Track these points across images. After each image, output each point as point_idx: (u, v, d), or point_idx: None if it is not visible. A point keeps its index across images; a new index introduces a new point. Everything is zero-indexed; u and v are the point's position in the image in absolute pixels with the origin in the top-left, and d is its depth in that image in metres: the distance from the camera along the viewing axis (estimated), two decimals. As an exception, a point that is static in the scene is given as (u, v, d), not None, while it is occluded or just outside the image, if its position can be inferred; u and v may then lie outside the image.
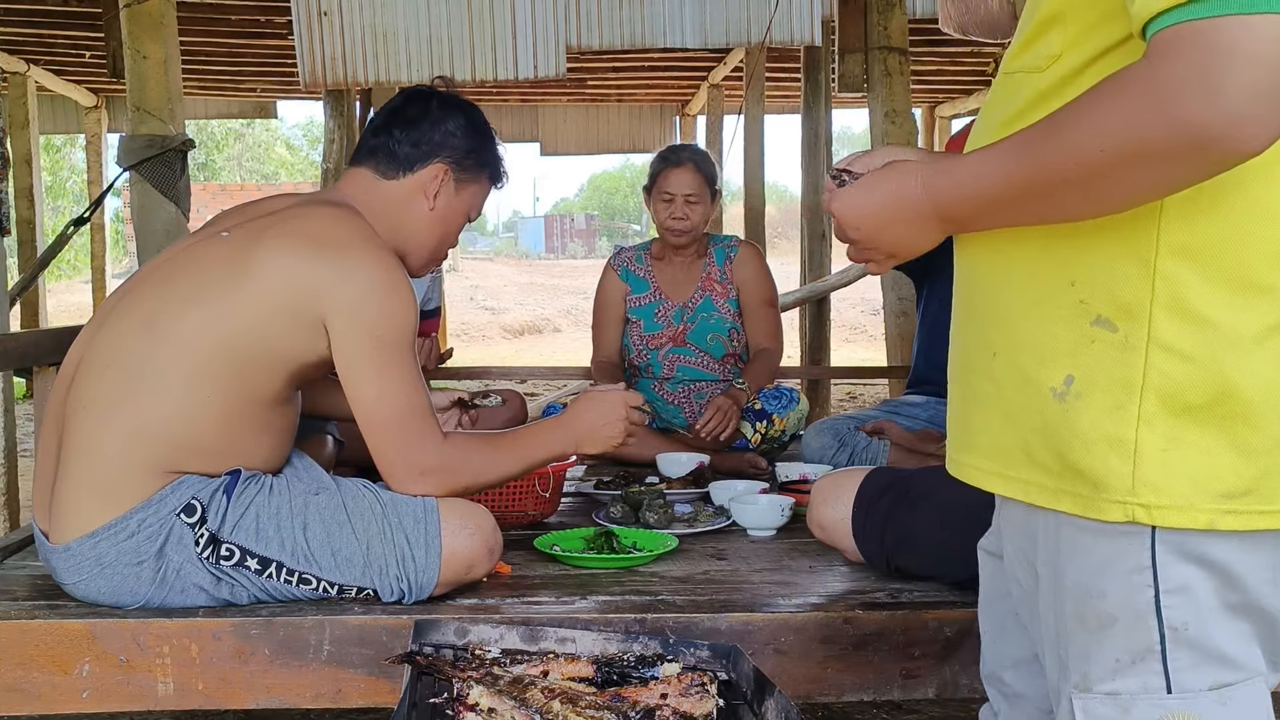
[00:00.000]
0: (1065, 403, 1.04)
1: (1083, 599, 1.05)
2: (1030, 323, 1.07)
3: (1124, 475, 1.01)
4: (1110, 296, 1.02)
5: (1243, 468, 1.00)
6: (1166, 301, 1.00)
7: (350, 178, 2.09)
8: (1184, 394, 1.00)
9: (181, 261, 1.94)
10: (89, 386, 1.85)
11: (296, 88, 7.53)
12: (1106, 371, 1.02)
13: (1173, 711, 1.03)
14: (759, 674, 1.50)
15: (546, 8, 5.49)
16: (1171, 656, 1.02)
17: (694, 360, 3.46)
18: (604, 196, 45.01)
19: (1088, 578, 1.05)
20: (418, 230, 2.07)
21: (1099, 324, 1.02)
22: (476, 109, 2.14)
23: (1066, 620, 1.07)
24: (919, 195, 1.10)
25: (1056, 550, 1.07)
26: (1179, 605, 1.02)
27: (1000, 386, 1.10)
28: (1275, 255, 0.99)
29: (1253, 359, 0.99)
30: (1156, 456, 1.00)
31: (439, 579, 1.87)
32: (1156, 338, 1.00)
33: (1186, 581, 1.01)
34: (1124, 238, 1.01)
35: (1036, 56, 1.07)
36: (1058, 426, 1.04)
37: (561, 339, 16.05)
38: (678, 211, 3.36)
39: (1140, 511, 1.00)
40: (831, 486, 2.09)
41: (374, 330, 1.84)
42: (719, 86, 9.78)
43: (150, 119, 4.16)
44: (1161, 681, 1.03)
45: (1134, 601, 1.03)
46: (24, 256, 8.97)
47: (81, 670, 1.79)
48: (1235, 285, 0.99)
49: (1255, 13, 0.84)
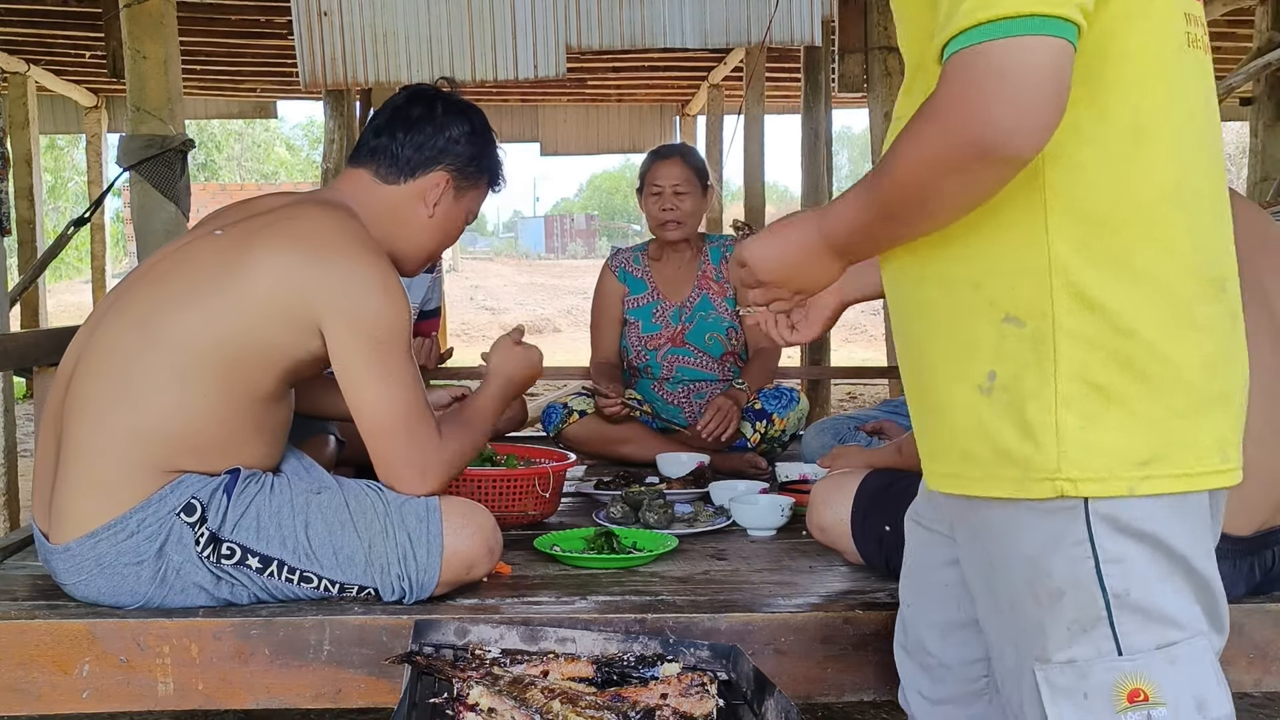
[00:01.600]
0: (991, 396, 1.13)
1: (1032, 577, 1.14)
2: (951, 329, 1.17)
3: (1050, 455, 1.10)
4: (1014, 294, 1.12)
5: (1151, 437, 1.09)
6: (1065, 292, 1.09)
7: (349, 178, 2.08)
8: (1092, 375, 1.09)
9: (175, 261, 1.94)
10: (86, 387, 1.85)
11: (296, 88, 7.52)
12: (1022, 363, 1.11)
13: (1126, 672, 1.11)
14: (759, 674, 1.50)
15: (546, 8, 5.49)
16: (1118, 621, 1.11)
17: (693, 360, 3.46)
18: (604, 196, 44.99)
19: (1033, 557, 1.13)
20: (415, 236, 2.07)
21: (1009, 321, 1.12)
22: (479, 112, 2.14)
23: (1020, 599, 1.16)
24: (814, 234, 1.24)
25: (1003, 536, 1.16)
26: (1118, 573, 1.11)
27: (935, 392, 1.20)
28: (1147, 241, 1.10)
29: (1146, 337, 1.09)
30: (1076, 435, 1.09)
31: (440, 578, 1.87)
32: (1061, 327, 1.09)
33: (1122, 551, 1.10)
34: (1018, 239, 1.11)
35: (916, 97, 1.15)
36: (987, 419, 1.14)
37: (561, 339, 16.05)
38: (666, 203, 3.36)
39: (1067, 485, 1.09)
40: (831, 488, 2.09)
41: (370, 332, 1.84)
42: (719, 86, 9.79)
43: (150, 119, 4.16)
44: (1112, 645, 1.11)
45: (1077, 574, 1.11)
46: (24, 256, 8.97)
47: (81, 670, 1.79)
48: (1120, 272, 1.09)
49: (1011, 36, 0.98)
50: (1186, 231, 1.12)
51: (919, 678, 1.46)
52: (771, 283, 1.29)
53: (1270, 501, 1.77)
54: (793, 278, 1.28)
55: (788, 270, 1.27)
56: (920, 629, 1.44)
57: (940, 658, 1.41)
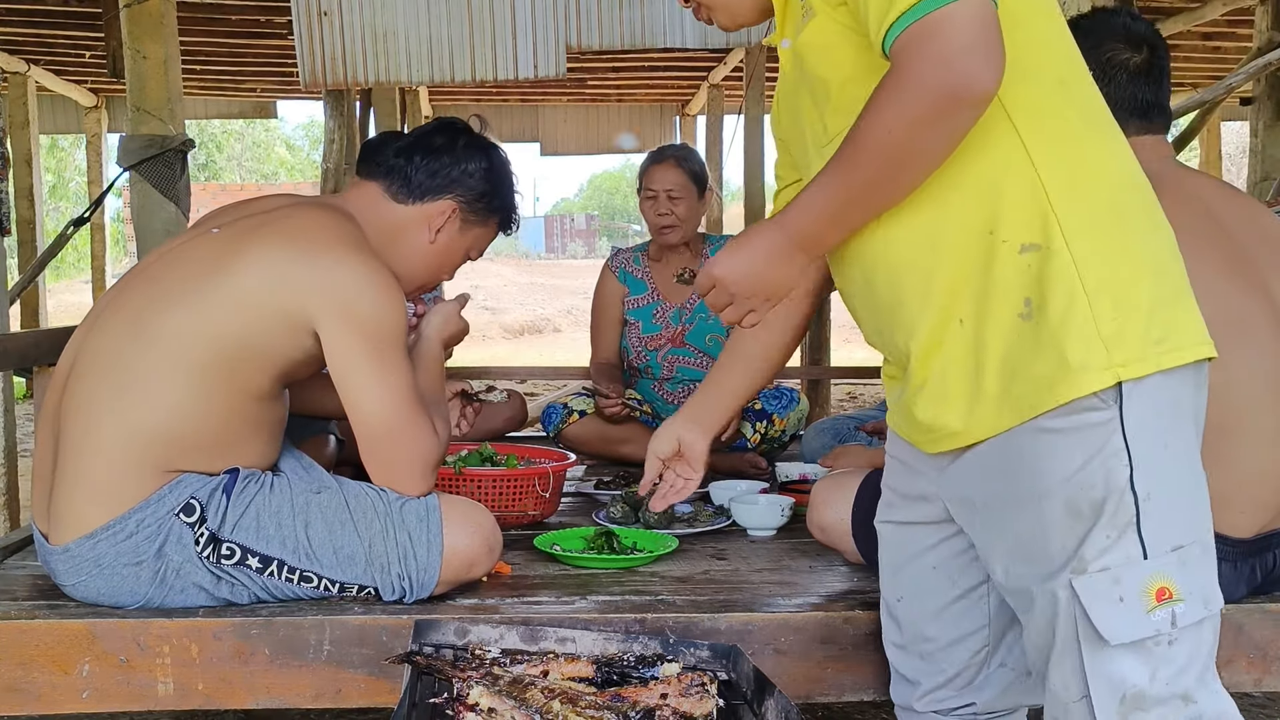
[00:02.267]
0: (1034, 319, 1.26)
1: (1073, 494, 1.25)
2: (977, 279, 1.29)
3: (1098, 348, 1.23)
4: (1023, 225, 1.27)
5: (1159, 318, 1.26)
6: (1063, 208, 1.26)
7: (358, 189, 2.09)
8: (1107, 271, 1.25)
9: (170, 260, 1.94)
10: (83, 387, 1.85)
11: (296, 88, 7.53)
12: (1050, 280, 1.25)
13: (1150, 573, 1.24)
14: (759, 674, 1.50)
15: (546, 8, 5.49)
16: (1144, 526, 1.24)
17: (693, 361, 3.46)
18: (604, 196, 44.98)
19: (1076, 471, 1.25)
20: (411, 258, 2.07)
21: (1027, 250, 1.26)
22: (502, 155, 2.15)
23: (1055, 519, 1.26)
24: (777, 237, 1.34)
25: (1039, 459, 1.27)
26: (1144, 476, 1.24)
27: (975, 341, 1.30)
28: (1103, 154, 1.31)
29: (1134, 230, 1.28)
30: (1110, 327, 1.23)
31: (440, 578, 1.87)
32: (1070, 237, 1.25)
33: (1147, 453, 1.24)
34: (1011, 178, 1.27)
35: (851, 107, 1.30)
36: (1036, 340, 1.26)
37: (561, 339, 16.05)
38: (661, 208, 3.36)
39: (1122, 370, 1.23)
40: (831, 488, 2.09)
41: (366, 330, 1.84)
42: (719, 86, 9.78)
43: (150, 119, 4.15)
44: (1139, 550, 1.24)
45: (1116, 481, 1.24)
46: (24, 256, 8.96)
47: (81, 670, 1.79)
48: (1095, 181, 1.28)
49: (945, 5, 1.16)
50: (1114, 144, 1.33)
51: (920, 670, 1.53)
52: (743, 294, 1.37)
53: (1276, 502, 1.77)
54: (763, 284, 1.37)
55: (758, 278, 1.36)
56: (916, 619, 1.53)
57: (939, 640, 1.50)
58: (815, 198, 1.31)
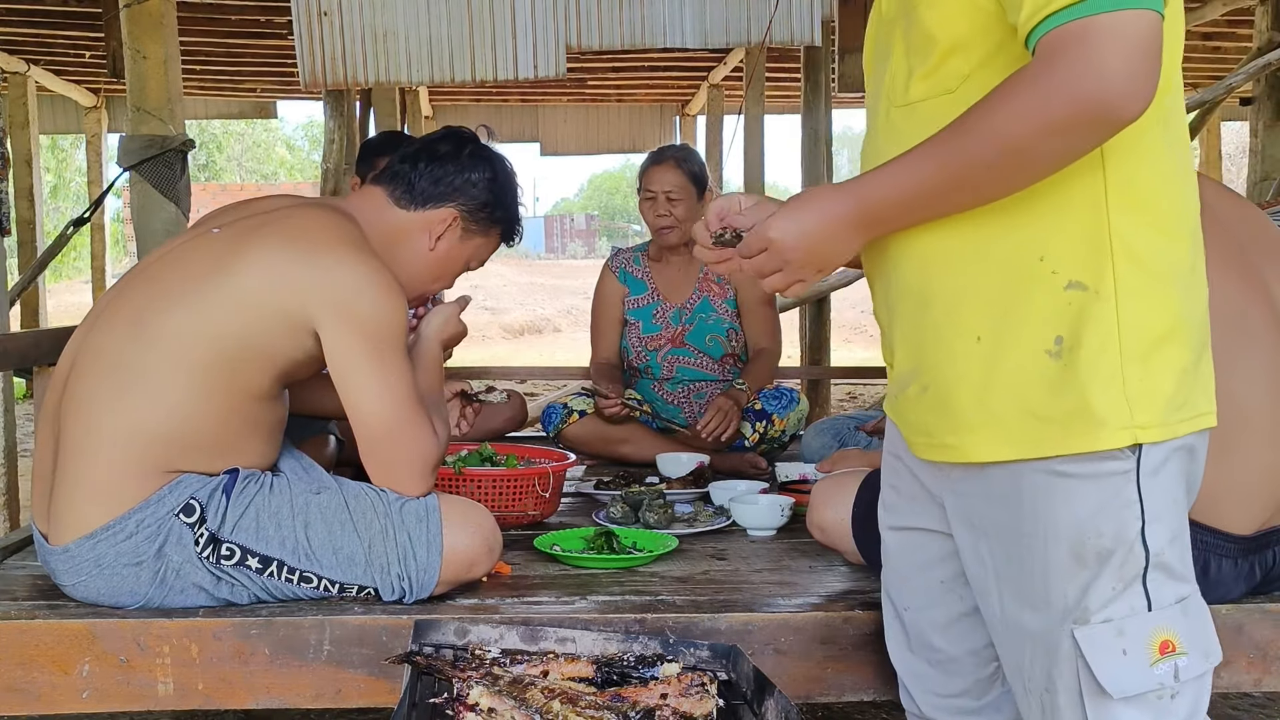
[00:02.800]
0: (1061, 359, 1.20)
1: (1080, 540, 1.21)
2: (1011, 301, 1.23)
3: (1121, 405, 1.19)
4: (1077, 262, 1.20)
5: (1182, 381, 1.22)
6: (1123, 255, 1.20)
7: (363, 193, 2.10)
8: (1147, 328, 1.20)
9: (170, 260, 1.94)
10: (82, 387, 1.85)
11: (296, 88, 7.53)
12: (1088, 324, 1.20)
13: (1154, 625, 1.21)
14: (759, 674, 1.50)
15: (546, 8, 5.49)
16: (1151, 578, 1.21)
17: (693, 361, 3.46)
18: (604, 196, 44.98)
19: (1085, 518, 1.21)
20: (411, 264, 2.07)
21: (1073, 287, 1.20)
22: (507, 166, 2.15)
23: (1060, 563, 1.22)
24: (847, 207, 1.24)
25: (1049, 502, 1.22)
26: (1157, 532, 1.21)
27: (989, 363, 1.24)
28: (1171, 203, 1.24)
29: (1178, 290, 1.23)
30: (1139, 385, 1.19)
31: (440, 578, 1.87)
32: (1122, 286, 1.20)
33: (1162, 510, 1.21)
34: (1081, 209, 1.20)
35: (945, 81, 1.25)
36: (1058, 380, 1.20)
37: (561, 339, 16.05)
38: (660, 209, 3.36)
39: (1140, 433, 1.19)
40: (831, 488, 2.09)
41: (366, 330, 1.84)
42: (719, 86, 9.78)
43: (150, 119, 4.15)
44: (1144, 601, 1.21)
45: (1126, 533, 1.20)
46: (24, 257, 8.96)
47: (81, 670, 1.79)
48: (1164, 233, 1.22)
49: (1119, 10, 1.07)
50: (1191, 195, 1.27)
51: (930, 677, 1.48)
52: (796, 262, 1.27)
53: (1276, 500, 1.77)
54: (818, 256, 1.27)
55: (815, 248, 1.26)
56: (924, 629, 1.47)
57: (948, 652, 1.45)
58: (900, 176, 1.21)
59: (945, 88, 1.24)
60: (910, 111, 1.28)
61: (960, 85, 1.23)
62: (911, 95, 1.29)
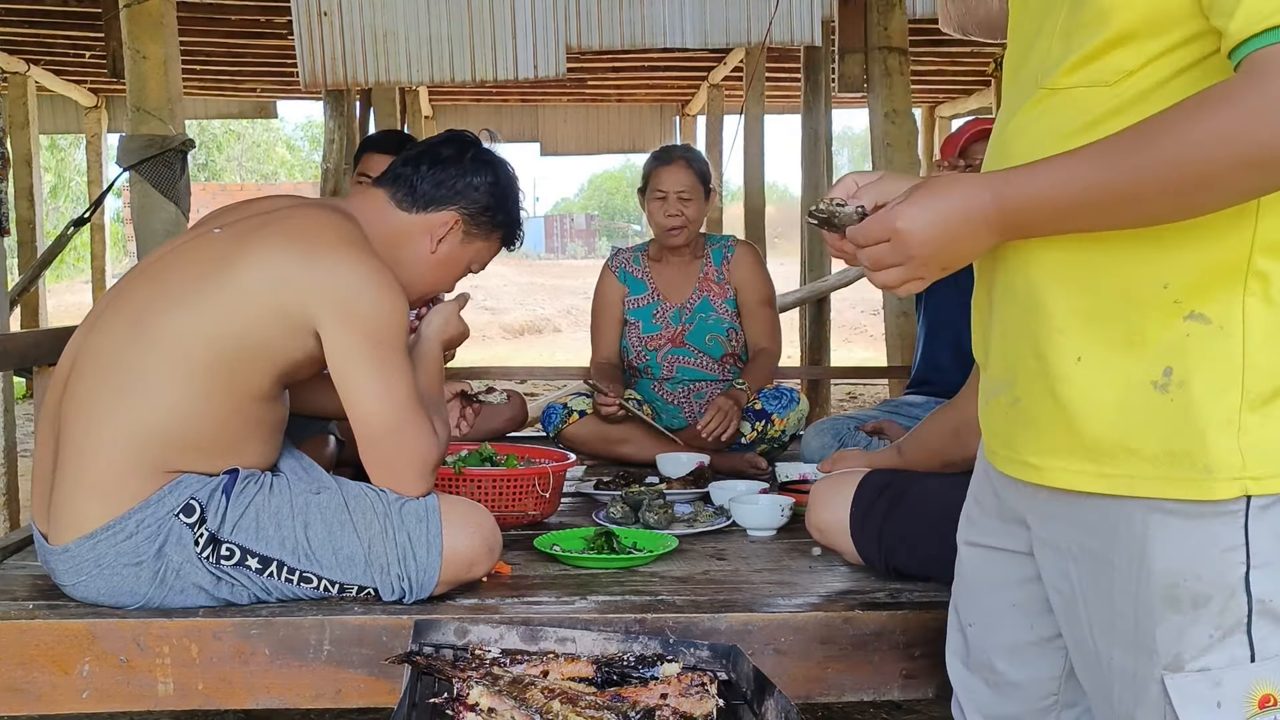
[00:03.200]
0: (1168, 393, 1.10)
1: (1175, 583, 1.11)
2: (1122, 324, 1.12)
3: (1233, 454, 1.08)
4: (1205, 294, 1.09)
5: None
6: (1258, 295, 1.08)
7: (365, 194, 2.10)
8: (1273, 373, 1.08)
9: (171, 260, 1.94)
10: (83, 387, 1.85)
11: (296, 88, 7.52)
12: (1205, 361, 1.09)
13: (1257, 678, 1.10)
14: (759, 674, 1.50)
15: (546, 8, 5.49)
16: (1256, 627, 1.10)
17: (693, 361, 3.46)
18: (604, 196, 44.99)
19: (1182, 562, 1.11)
20: (412, 266, 2.07)
21: (1193, 319, 1.09)
22: (510, 170, 2.16)
23: (1154, 605, 1.12)
24: (989, 204, 1.11)
25: (1144, 539, 1.12)
26: (1265, 578, 1.09)
27: (1087, 387, 1.14)
28: None
29: None
30: (1256, 433, 1.08)
31: (440, 578, 1.87)
32: (1250, 325, 1.08)
33: (1272, 555, 1.09)
34: (1220, 242, 1.08)
35: (1104, 72, 1.11)
36: (1162, 417, 1.10)
37: (561, 339, 16.05)
38: (671, 209, 3.36)
39: (1251, 484, 1.08)
40: (830, 488, 2.09)
41: (366, 330, 1.84)
42: (719, 86, 9.78)
43: (150, 119, 4.15)
44: (1247, 652, 1.10)
45: (1227, 579, 1.10)
46: (24, 257, 8.97)
47: (81, 670, 1.79)
48: None
49: None
50: None
51: (982, 694, 1.40)
52: (921, 258, 1.14)
53: None
54: (946, 254, 1.14)
55: (945, 243, 1.13)
56: (986, 649, 1.38)
57: (1008, 676, 1.36)
58: (1056, 179, 1.08)
59: (1102, 79, 1.11)
60: (1054, 96, 1.16)
61: (1119, 81, 1.11)
62: (1060, 79, 1.15)
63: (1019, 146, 1.19)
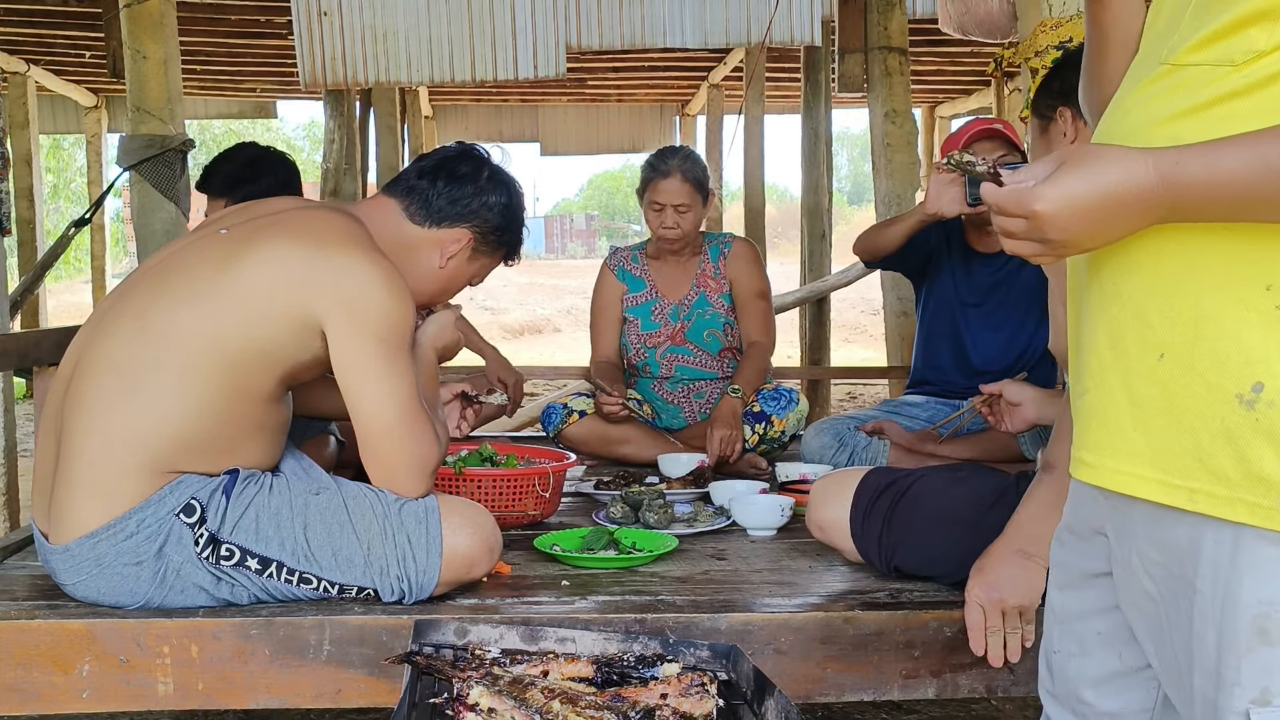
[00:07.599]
0: (1254, 410, 1.01)
1: (1265, 613, 1.04)
2: (1218, 327, 1.03)
3: None
4: None
5: None
6: None
7: (375, 201, 2.10)
8: None
9: (176, 261, 1.94)
10: (86, 387, 1.85)
11: (296, 88, 7.53)
12: None
13: None
14: (759, 674, 1.50)
15: (546, 8, 5.49)
16: None
17: (691, 359, 3.46)
18: (604, 196, 44.98)
19: (1272, 591, 1.03)
20: (418, 279, 2.07)
21: None
22: (519, 189, 2.18)
23: (1239, 635, 1.05)
24: (1147, 178, 1.02)
25: (1231, 564, 1.04)
26: None
27: (1169, 390, 1.06)
28: None
29: None
30: None
31: (440, 579, 1.87)
32: None
33: None
34: None
35: (1231, 51, 1.03)
36: (1243, 434, 1.02)
37: (561, 339, 16.06)
38: (668, 220, 3.36)
39: None
40: (830, 487, 2.09)
41: (371, 329, 1.84)
42: (719, 86, 9.79)
43: (150, 119, 4.16)
44: None
45: None
46: (24, 257, 8.97)
47: (81, 670, 1.79)
48: None
49: None
50: None
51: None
52: (1061, 241, 1.05)
53: None
54: (1091, 236, 1.05)
55: (1092, 225, 1.04)
56: (1072, 678, 1.32)
57: (1097, 707, 1.30)
58: (1238, 163, 0.98)
59: (1228, 58, 1.03)
60: (1175, 72, 1.08)
61: (1248, 62, 1.02)
62: (1185, 55, 1.07)
63: (1128, 122, 1.13)
